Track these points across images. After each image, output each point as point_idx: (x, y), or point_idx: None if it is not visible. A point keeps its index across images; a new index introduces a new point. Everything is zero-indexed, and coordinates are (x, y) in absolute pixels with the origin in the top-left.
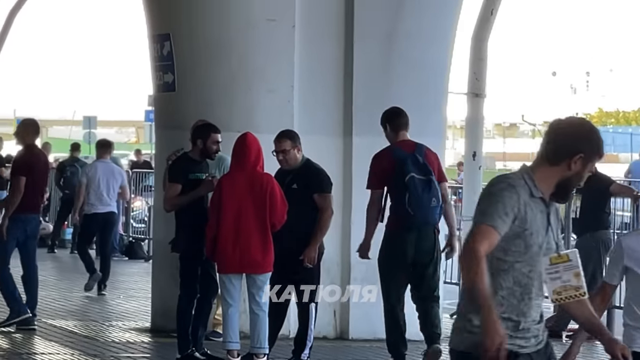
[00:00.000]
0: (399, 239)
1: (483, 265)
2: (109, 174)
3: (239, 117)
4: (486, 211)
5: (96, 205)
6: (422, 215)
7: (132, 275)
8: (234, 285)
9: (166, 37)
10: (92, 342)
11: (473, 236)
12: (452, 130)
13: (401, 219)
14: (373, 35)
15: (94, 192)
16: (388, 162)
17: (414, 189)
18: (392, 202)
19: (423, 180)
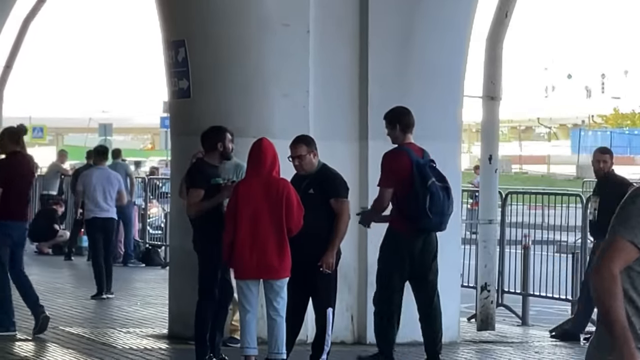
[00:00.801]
0: (408, 241)
1: (617, 287)
2: (105, 180)
3: (255, 123)
4: (627, 223)
5: (94, 210)
6: (440, 221)
7: (148, 281)
8: (251, 291)
9: (181, 43)
10: (109, 349)
11: (608, 252)
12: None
13: (416, 222)
14: (387, 40)
15: (89, 199)
16: (406, 164)
17: (437, 194)
18: (406, 205)
19: (442, 187)
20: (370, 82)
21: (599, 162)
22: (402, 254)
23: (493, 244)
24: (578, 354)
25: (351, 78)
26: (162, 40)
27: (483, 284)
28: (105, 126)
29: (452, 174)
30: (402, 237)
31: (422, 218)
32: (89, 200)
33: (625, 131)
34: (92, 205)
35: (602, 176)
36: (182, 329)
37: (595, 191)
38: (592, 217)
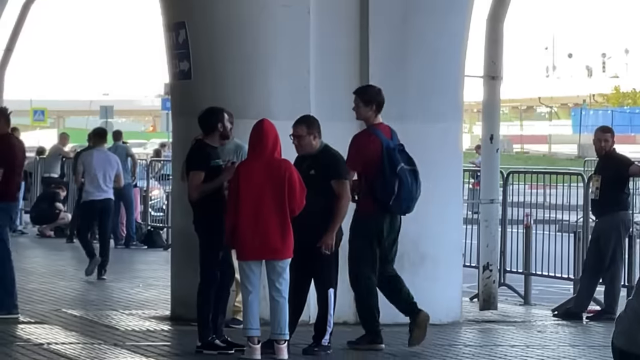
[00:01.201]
0: (377, 222)
1: None
2: (105, 162)
3: (255, 104)
4: None
5: (93, 192)
6: (408, 205)
7: (151, 263)
8: (253, 272)
9: (181, 25)
10: (112, 330)
11: None
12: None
13: (384, 206)
14: (388, 20)
15: (89, 180)
16: (376, 148)
17: (405, 180)
18: (375, 188)
19: (410, 170)
20: (371, 63)
21: (600, 141)
22: (372, 234)
23: (495, 223)
24: (580, 333)
25: (352, 58)
26: (163, 23)
27: (485, 264)
28: (106, 108)
29: (453, 154)
30: (371, 218)
31: (391, 202)
32: (89, 182)
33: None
34: (91, 187)
35: (603, 155)
36: (185, 310)
37: (597, 170)
38: (594, 196)
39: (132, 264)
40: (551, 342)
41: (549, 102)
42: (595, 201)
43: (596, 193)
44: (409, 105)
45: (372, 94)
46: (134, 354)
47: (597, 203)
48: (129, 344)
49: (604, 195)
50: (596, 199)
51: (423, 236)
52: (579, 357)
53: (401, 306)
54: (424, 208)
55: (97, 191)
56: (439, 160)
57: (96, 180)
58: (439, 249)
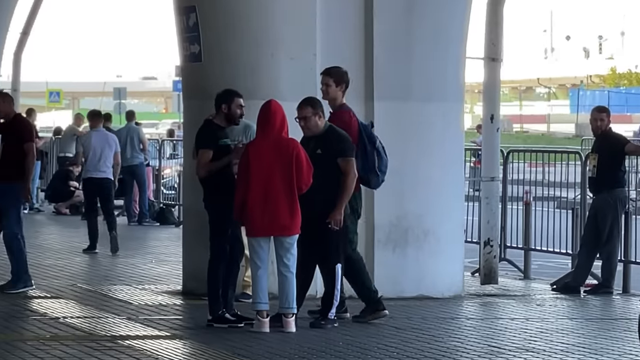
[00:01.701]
0: (358, 198)
1: None
2: (103, 142)
3: (263, 85)
4: None
5: (90, 171)
6: (384, 179)
7: (163, 240)
8: (262, 248)
9: (192, 9)
10: (125, 305)
11: None
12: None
13: (366, 181)
14: (392, 3)
15: (88, 160)
16: (355, 124)
17: (382, 154)
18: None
19: (382, 145)
20: (376, 45)
21: (597, 120)
22: (355, 213)
23: (495, 200)
24: (578, 306)
25: (357, 41)
26: (174, 7)
27: (486, 239)
28: (119, 90)
29: (455, 133)
30: (355, 195)
31: (372, 177)
32: (88, 161)
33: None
34: (90, 166)
35: (600, 134)
36: (196, 285)
37: (594, 148)
38: (591, 174)
39: (145, 240)
40: (550, 315)
41: (547, 83)
42: (592, 179)
43: (593, 171)
44: (412, 86)
45: (342, 73)
46: (147, 327)
47: (595, 180)
48: (142, 318)
49: (601, 173)
50: (593, 176)
51: (426, 213)
52: (577, 330)
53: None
54: (427, 186)
55: (95, 171)
56: (441, 139)
57: (94, 160)
58: (442, 225)
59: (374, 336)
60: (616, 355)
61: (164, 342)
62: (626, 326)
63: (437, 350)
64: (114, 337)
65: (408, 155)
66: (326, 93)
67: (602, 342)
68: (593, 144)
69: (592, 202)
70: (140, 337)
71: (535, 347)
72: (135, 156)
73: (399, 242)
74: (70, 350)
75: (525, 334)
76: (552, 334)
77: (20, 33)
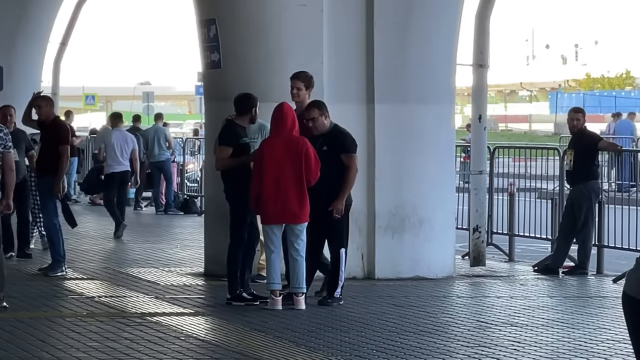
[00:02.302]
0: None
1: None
2: (122, 140)
3: (276, 89)
4: None
5: (113, 165)
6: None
7: (187, 227)
8: (275, 234)
9: (212, 21)
10: (154, 285)
11: None
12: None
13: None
14: (390, 15)
15: (110, 156)
16: None
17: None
18: None
19: None
20: (376, 53)
21: (573, 120)
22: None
23: (483, 191)
24: (557, 285)
25: (359, 49)
26: (196, 19)
27: (475, 226)
28: (148, 94)
29: (447, 131)
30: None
31: None
32: (110, 157)
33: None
34: (112, 161)
35: (576, 132)
36: (216, 268)
37: (570, 145)
38: (568, 168)
39: (170, 227)
40: (532, 293)
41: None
42: (569, 172)
43: (570, 165)
44: (409, 90)
45: (310, 78)
46: (173, 305)
47: (571, 173)
48: (168, 297)
49: (577, 166)
50: (570, 170)
51: (421, 203)
52: (556, 306)
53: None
54: (423, 178)
55: (117, 164)
56: (435, 137)
57: (115, 155)
58: (435, 214)
59: (375, 313)
60: (591, 329)
61: (187, 318)
62: (600, 303)
63: (432, 325)
64: (143, 314)
65: (406, 151)
66: (297, 96)
67: (579, 317)
68: (570, 141)
69: (569, 193)
70: (166, 314)
71: (518, 322)
72: (162, 153)
73: (397, 228)
74: (104, 326)
75: (510, 310)
76: (534, 310)
77: (60, 43)
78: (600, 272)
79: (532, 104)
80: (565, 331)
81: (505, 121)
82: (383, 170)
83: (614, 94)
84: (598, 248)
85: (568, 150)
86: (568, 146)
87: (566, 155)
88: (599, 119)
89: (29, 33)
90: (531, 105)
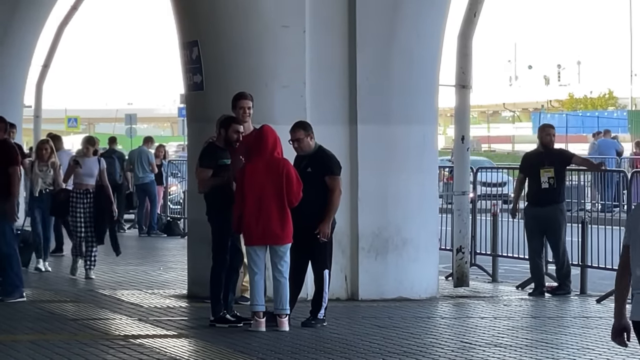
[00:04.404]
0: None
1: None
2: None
3: (258, 111)
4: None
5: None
6: None
7: (170, 249)
8: (258, 256)
9: (194, 43)
10: (137, 307)
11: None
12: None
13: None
14: (373, 36)
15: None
16: None
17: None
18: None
19: None
20: (359, 74)
21: (550, 135)
22: None
23: (466, 212)
24: (541, 306)
25: (342, 70)
26: (178, 41)
27: (458, 247)
28: (130, 116)
29: (430, 152)
30: None
31: None
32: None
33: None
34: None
35: (551, 148)
36: (200, 289)
37: (545, 162)
38: (547, 186)
39: (153, 249)
40: (515, 314)
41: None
42: (547, 190)
43: (550, 183)
44: (392, 110)
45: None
46: (156, 327)
47: (551, 192)
48: (151, 319)
49: (558, 184)
50: (550, 188)
51: (405, 223)
52: (540, 327)
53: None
54: (406, 199)
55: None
56: (418, 158)
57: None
58: (419, 235)
59: (359, 334)
60: (574, 349)
61: (171, 340)
62: (583, 324)
63: (415, 346)
64: (127, 336)
65: (389, 172)
66: (249, 115)
67: (562, 337)
68: (542, 158)
69: (541, 212)
70: (150, 336)
71: (502, 343)
72: (146, 175)
73: (381, 250)
74: (88, 349)
75: (494, 331)
76: (518, 330)
77: (42, 66)
78: (584, 292)
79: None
80: (549, 352)
81: (488, 142)
82: (366, 191)
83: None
84: (582, 268)
85: (545, 167)
86: (541, 163)
87: (542, 172)
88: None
89: (12, 55)
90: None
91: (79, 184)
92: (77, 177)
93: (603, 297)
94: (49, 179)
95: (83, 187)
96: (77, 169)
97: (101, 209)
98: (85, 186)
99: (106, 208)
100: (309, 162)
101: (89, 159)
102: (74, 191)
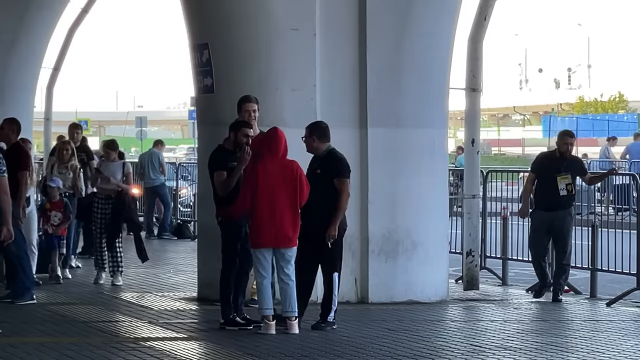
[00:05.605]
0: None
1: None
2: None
3: (269, 114)
4: None
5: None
6: None
7: (180, 252)
8: (266, 260)
9: (205, 46)
10: (147, 310)
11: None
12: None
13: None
14: (383, 40)
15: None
16: None
17: None
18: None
19: None
20: (369, 77)
21: (568, 144)
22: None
23: (476, 215)
24: (551, 309)
25: (352, 73)
26: (189, 44)
27: (468, 250)
28: (140, 119)
29: (440, 155)
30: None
31: None
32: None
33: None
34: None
35: (568, 156)
36: (210, 292)
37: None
38: (565, 192)
39: (163, 252)
40: (525, 317)
41: (522, 110)
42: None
43: (568, 189)
44: (403, 114)
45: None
46: (167, 330)
47: (568, 198)
48: (162, 322)
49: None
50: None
51: (415, 227)
52: (550, 330)
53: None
54: (416, 203)
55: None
56: (428, 161)
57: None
58: (429, 238)
59: (369, 337)
60: (584, 353)
61: (181, 343)
62: (593, 327)
63: (425, 349)
64: (137, 339)
65: (399, 175)
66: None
67: (572, 341)
68: (558, 164)
69: (552, 217)
70: (160, 339)
71: (512, 346)
72: (157, 177)
73: (391, 253)
74: (98, 351)
75: (504, 334)
76: (528, 334)
77: (52, 69)
78: (594, 295)
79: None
80: (558, 355)
81: (498, 145)
82: (376, 194)
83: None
84: (592, 272)
85: (562, 174)
86: (558, 170)
87: (560, 179)
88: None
89: (21, 58)
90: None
91: (100, 188)
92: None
93: (613, 301)
94: (69, 182)
95: (105, 192)
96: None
97: (117, 215)
98: (107, 191)
99: (122, 214)
100: (320, 164)
101: (112, 164)
102: (97, 196)
